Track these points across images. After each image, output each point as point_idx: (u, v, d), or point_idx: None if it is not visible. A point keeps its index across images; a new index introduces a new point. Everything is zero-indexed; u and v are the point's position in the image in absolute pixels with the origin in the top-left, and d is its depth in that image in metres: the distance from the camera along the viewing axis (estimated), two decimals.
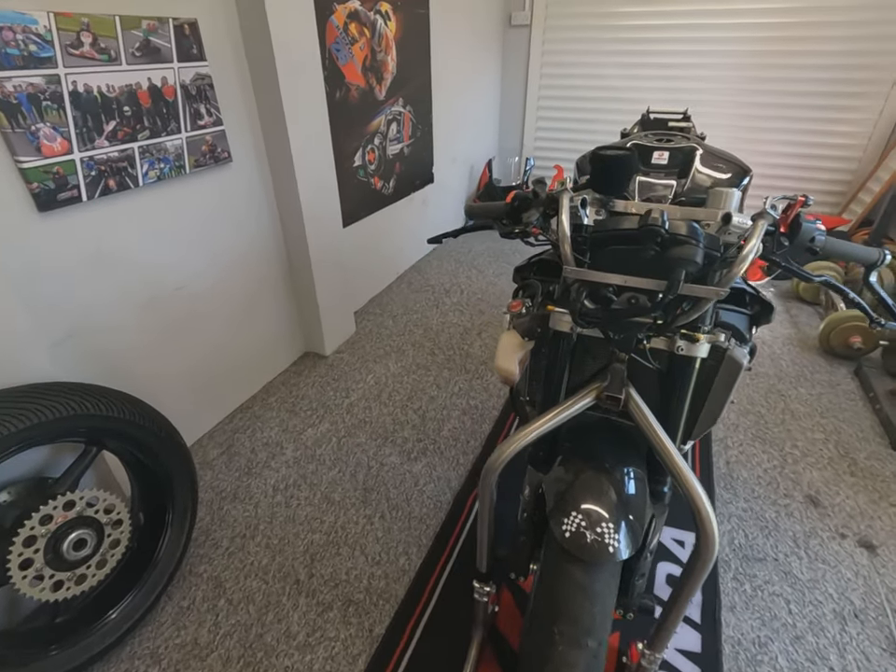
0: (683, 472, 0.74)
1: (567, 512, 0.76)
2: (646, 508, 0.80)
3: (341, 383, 2.12)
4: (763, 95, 3.45)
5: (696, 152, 1.06)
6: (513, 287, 1.74)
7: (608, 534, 0.73)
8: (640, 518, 0.78)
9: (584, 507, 0.77)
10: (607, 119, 3.87)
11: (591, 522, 0.74)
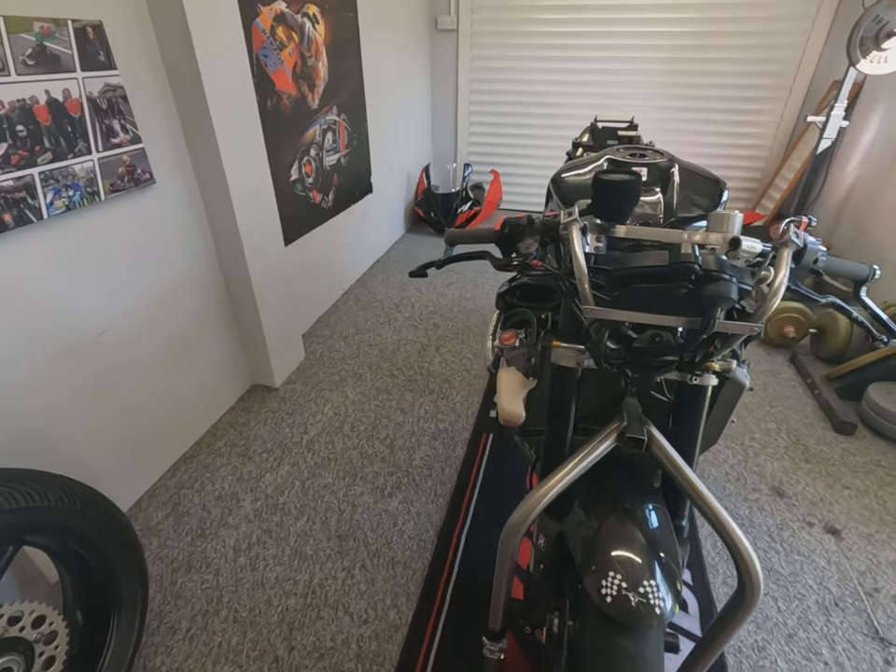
0: (717, 512, 0.70)
1: (604, 572, 0.70)
2: (677, 549, 0.76)
3: (296, 417, 1.95)
4: (680, 100, 3.64)
5: (674, 167, 1.04)
6: (464, 299, 1.67)
7: (652, 593, 0.67)
8: (676, 562, 0.73)
9: (619, 560, 0.71)
10: (537, 125, 3.92)
11: (632, 581, 0.68)
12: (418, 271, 1.00)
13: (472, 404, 2.02)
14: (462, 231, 0.98)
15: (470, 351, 2.36)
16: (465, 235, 0.97)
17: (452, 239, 0.98)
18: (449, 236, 0.98)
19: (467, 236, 0.97)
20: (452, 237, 0.98)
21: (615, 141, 1.77)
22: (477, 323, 2.60)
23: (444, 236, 0.99)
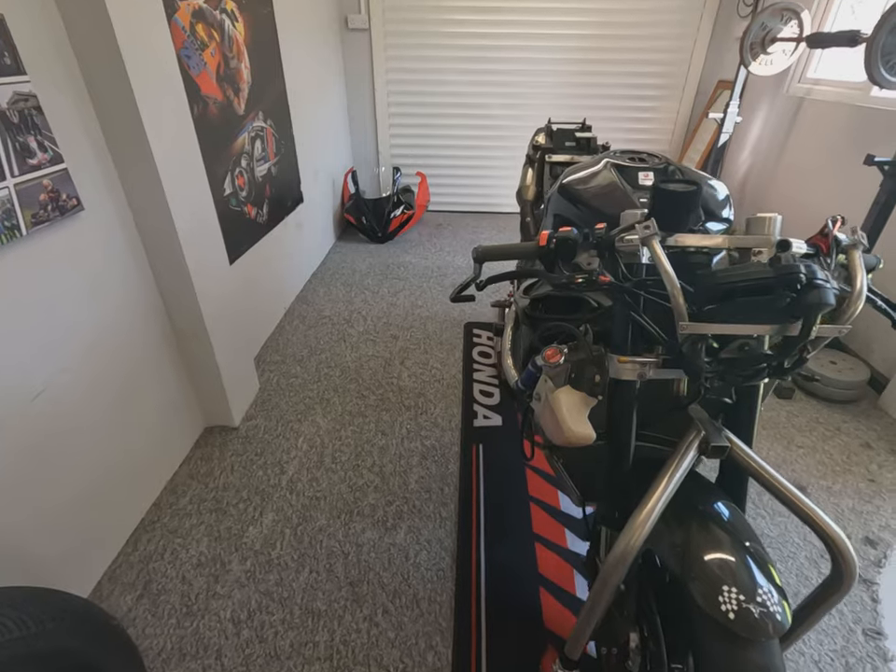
0: (807, 505, 0.73)
1: (715, 586, 0.69)
2: (762, 544, 0.78)
3: (267, 456, 1.76)
4: (588, 98, 3.84)
5: (679, 172, 1.07)
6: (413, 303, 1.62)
7: (769, 601, 0.67)
8: (768, 559, 0.75)
9: (725, 569, 0.70)
10: (459, 125, 3.93)
11: (748, 592, 0.68)
12: (460, 296, 0.93)
13: (453, 416, 1.97)
14: (495, 246, 0.92)
15: (437, 361, 2.30)
16: (498, 252, 0.91)
17: (483, 256, 0.92)
18: (480, 253, 0.92)
19: (499, 252, 0.91)
20: (483, 254, 0.92)
21: (573, 142, 1.81)
22: (436, 331, 2.54)
23: (473, 253, 0.93)
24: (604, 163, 1.13)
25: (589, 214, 1.04)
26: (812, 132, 2.71)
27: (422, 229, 3.93)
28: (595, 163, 1.16)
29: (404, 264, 3.31)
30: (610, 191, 1.02)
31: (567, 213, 1.10)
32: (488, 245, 0.92)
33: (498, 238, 3.78)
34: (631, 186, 1.06)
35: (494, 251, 0.91)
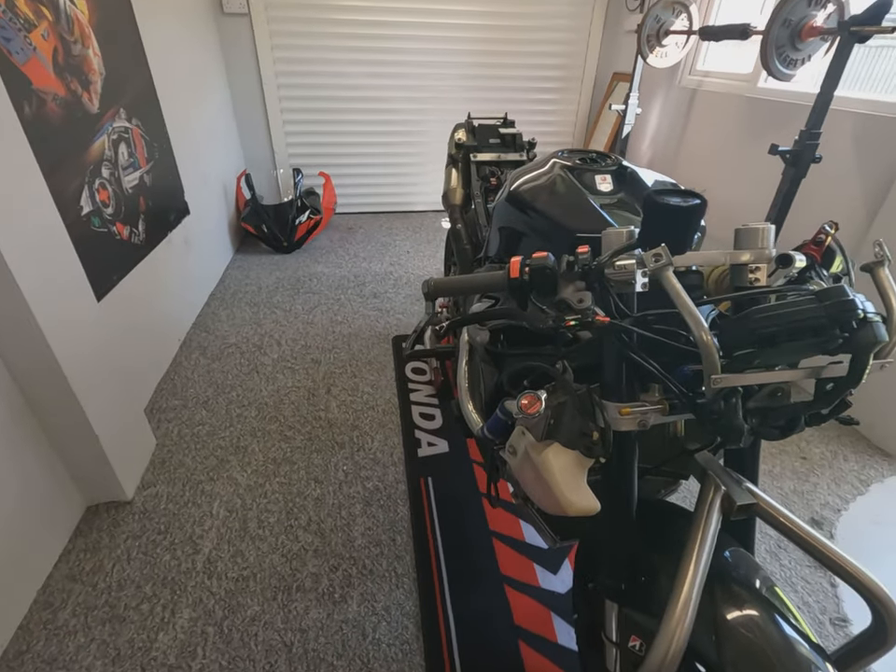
0: (845, 560, 0.64)
1: None
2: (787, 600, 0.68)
3: (175, 533, 1.44)
4: (491, 91, 3.76)
5: (638, 173, 0.96)
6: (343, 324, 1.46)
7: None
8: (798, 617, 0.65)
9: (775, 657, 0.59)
10: (361, 120, 3.67)
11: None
12: (413, 351, 0.73)
13: (395, 447, 1.77)
14: (450, 280, 0.74)
15: (368, 384, 2.08)
16: (455, 286, 0.73)
17: (436, 292, 0.73)
18: (433, 289, 0.73)
19: (457, 287, 0.73)
20: (436, 290, 0.73)
21: (497, 139, 1.67)
22: (361, 349, 2.31)
23: (424, 288, 0.74)
24: (552, 165, 0.98)
25: (547, 225, 0.89)
26: (708, 122, 2.83)
27: (331, 234, 3.63)
28: (541, 166, 1.01)
29: (316, 275, 3.01)
30: (570, 199, 0.88)
31: (519, 225, 0.95)
32: (441, 279, 0.73)
33: (415, 238, 3.60)
34: (588, 191, 0.92)
35: (449, 286, 0.73)
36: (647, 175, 0.97)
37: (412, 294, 2.81)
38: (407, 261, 3.23)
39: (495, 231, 1.04)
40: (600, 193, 0.92)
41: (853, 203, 1.99)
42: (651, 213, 0.61)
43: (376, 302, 2.72)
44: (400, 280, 2.98)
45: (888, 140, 1.87)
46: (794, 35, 1.87)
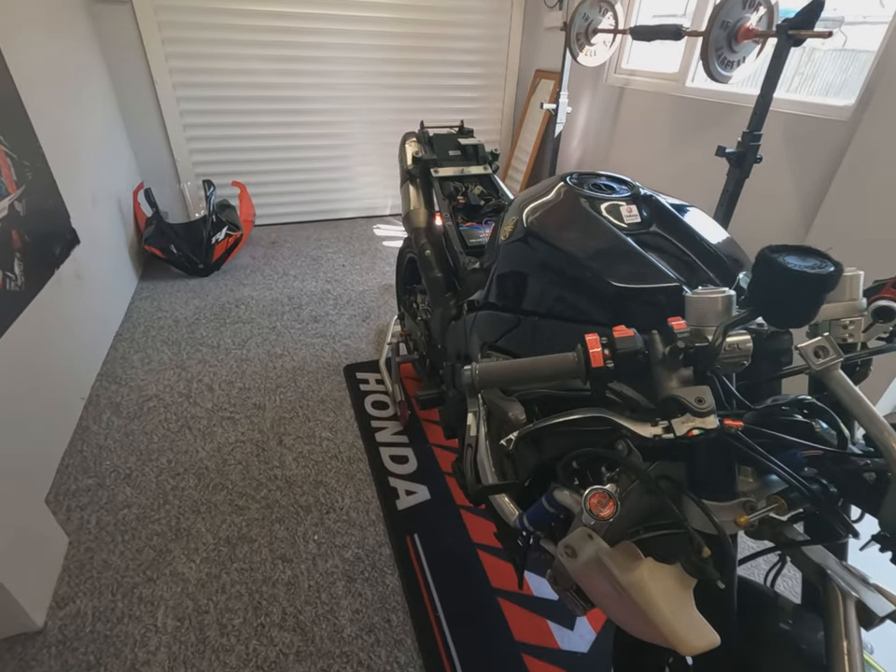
0: None
1: None
2: None
3: (109, 666, 1.14)
4: (414, 90, 3.59)
5: (660, 199, 0.84)
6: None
7: None
8: None
9: None
10: (276, 122, 3.34)
11: None
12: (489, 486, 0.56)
13: (369, 501, 1.56)
14: (500, 367, 0.57)
15: (325, 427, 1.84)
16: (508, 374, 0.56)
17: (484, 383, 0.56)
18: (478, 380, 0.56)
19: (511, 375, 0.56)
20: (483, 380, 0.56)
21: (457, 151, 1.50)
22: (311, 385, 2.06)
23: (467, 379, 0.56)
24: (567, 194, 0.84)
25: (582, 275, 0.73)
26: (638, 121, 2.86)
27: (253, 250, 3.27)
28: (551, 193, 0.87)
29: (244, 300, 2.68)
30: (604, 240, 0.74)
31: (537, 271, 0.79)
32: (490, 366, 0.56)
33: (348, 250, 3.34)
34: (614, 225, 0.79)
35: (502, 374, 0.56)
36: (669, 202, 0.86)
37: (356, 314, 2.58)
38: (344, 276, 2.98)
39: (500, 275, 0.88)
40: (631, 228, 0.79)
41: (791, 202, 2.07)
42: (768, 276, 0.48)
43: (318, 328, 2.45)
44: (340, 299, 2.73)
45: (817, 140, 1.95)
46: (731, 37, 1.88)
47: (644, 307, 0.67)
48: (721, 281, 0.69)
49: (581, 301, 0.72)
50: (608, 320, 0.70)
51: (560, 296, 0.74)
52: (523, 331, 0.80)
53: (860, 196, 1.73)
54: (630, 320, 0.68)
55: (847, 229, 1.78)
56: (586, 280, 0.71)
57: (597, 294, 0.70)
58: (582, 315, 0.72)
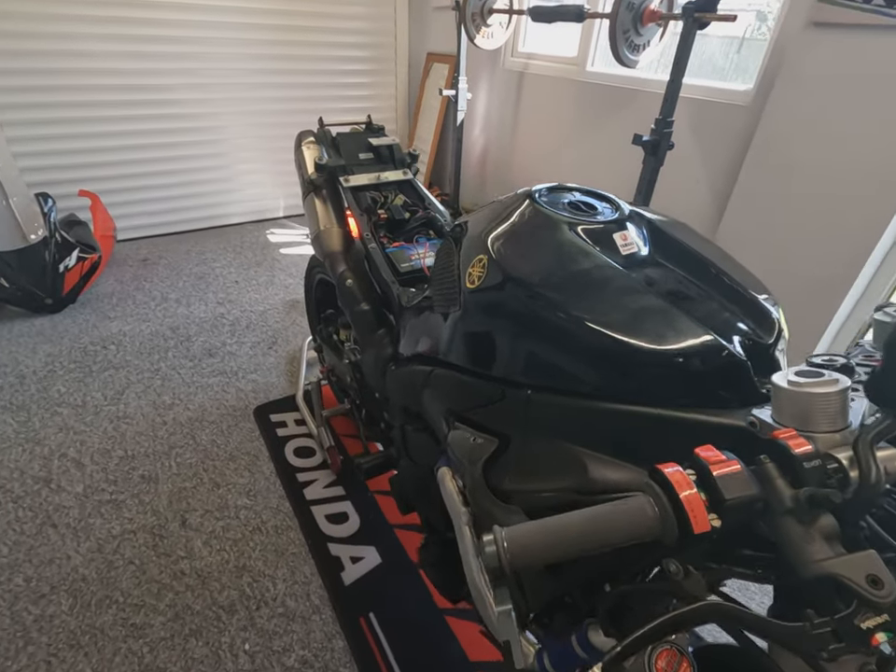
0: None
1: None
2: None
3: None
4: (296, 75, 3.20)
5: (652, 219, 0.68)
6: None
7: None
8: None
9: None
10: (125, 117, 2.78)
11: None
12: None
13: (308, 581, 1.30)
14: (537, 530, 0.37)
15: (239, 493, 1.52)
16: (554, 545, 0.36)
17: (522, 559, 0.36)
18: (509, 556, 0.36)
19: (560, 544, 0.37)
20: (519, 555, 0.36)
21: (369, 153, 1.24)
22: (214, 439, 1.71)
23: (492, 561, 0.36)
24: (544, 221, 0.65)
25: (593, 337, 0.55)
26: (541, 107, 2.77)
27: (119, 273, 2.72)
28: (517, 217, 0.67)
29: (113, 339, 2.19)
30: (616, 288, 0.56)
31: (530, 335, 0.59)
32: (522, 530, 0.36)
33: (239, 262, 2.92)
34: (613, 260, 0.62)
35: (546, 548, 0.36)
36: (660, 220, 0.70)
37: (259, 341, 2.23)
38: (239, 295, 2.58)
39: (469, 333, 0.67)
40: (630, 262, 0.62)
41: (703, 188, 2.09)
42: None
43: (215, 364, 2.07)
44: (238, 324, 2.34)
45: (721, 125, 1.97)
46: (637, 20, 1.81)
47: (674, 374, 0.51)
48: (755, 327, 0.55)
49: (588, 371, 0.54)
50: (629, 393, 0.53)
51: (561, 364, 0.56)
52: (510, 407, 0.61)
53: (769, 180, 1.76)
54: (656, 392, 0.52)
55: (758, 213, 1.82)
56: (597, 343, 0.53)
57: (614, 361, 0.53)
58: (593, 389, 0.54)
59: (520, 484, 0.58)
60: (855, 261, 1.58)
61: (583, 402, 0.55)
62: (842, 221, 1.59)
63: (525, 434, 0.60)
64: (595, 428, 0.55)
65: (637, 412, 0.52)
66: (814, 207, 1.65)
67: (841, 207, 1.58)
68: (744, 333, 0.53)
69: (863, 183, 1.51)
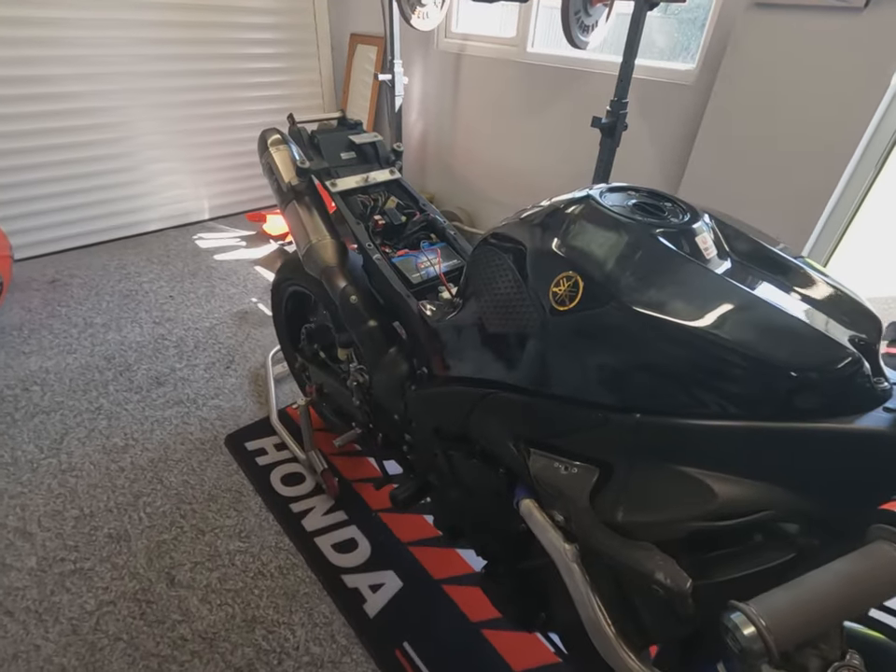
0: None
1: None
2: None
3: None
4: (206, 62, 2.90)
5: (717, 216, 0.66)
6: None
7: None
8: None
9: None
10: (6, 115, 2.36)
11: None
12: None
13: (330, 620, 1.20)
14: (795, 606, 0.33)
15: (230, 536, 1.38)
16: (814, 617, 0.33)
17: (786, 640, 0.32)
18: (779, 638, 0.31)
19: (820, 618, 0.33)
20: (784, 635, 0.32)
21: (350, 152, 1.12)
22: (185, 480, 1.53)
23: (755, 645, 0.32)
24: (628, 229, 0.60)
25: (711, 351, 0.51)
26: (482, 90, 2.71)
27: (25, 298, 2.35)
28: (584, 223, 0.62)
29: (34, 378, 1.89)
30: (726, 298, 0.53)
31: (644, 359, 0.54)
32: (774, 601, 0.32)
33: (169, 273, 2.63)
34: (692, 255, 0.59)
35: (810, 620, 0.32)
36: (727, 218, 0.68)
37: (214, 361, 2.02)
38: (177, 312, 2.32)
39: (553, 355, 0.61)
40: (725, 270, 0.59)
41: (655, 168, 2.15)
42: None
43: (167, 393, 1.85)
44: (185, 344, 2.11)
45: (667, 105, 2.03)
46: (587, 0, 1.80)
47: (806, 385, 0.49)
48: (857, 325, 0.55)
49: (716, 391, 0.51)
50: (757, 409, 0.50)
51: (685, 385, 0.52)
52: (614, 432, 0.57)
53: (721, 156, 1.84)
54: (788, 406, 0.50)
55: (711, 188, 1.90)
56: (731, 360, 0.49)
57: (746, 378, 0.50)
58: (719, 409, 0.51)
59: (640, 516, 0.54)
60: (805, 229, 1.70)
61: (704, 423, 0.52)
62: (791, 193, 1.70)
63: (632, 460, 0.57)
64: (716, 449, 0.52)
65: (764, 427, 0.50)
66: (764, 181, 1.75)
67: (790, 179, 1.69)
68: (853, 334, 0.53)
69: (810, 156, 1.62)
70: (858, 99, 1.49)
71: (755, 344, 0.49)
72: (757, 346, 0.49)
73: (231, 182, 3.22)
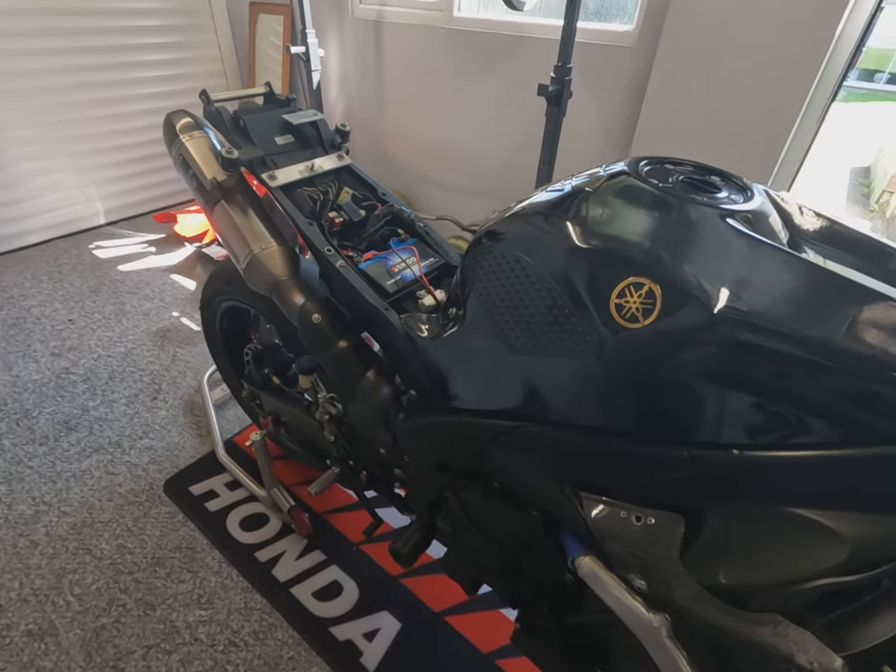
0: None
1: None
2: None
3: None
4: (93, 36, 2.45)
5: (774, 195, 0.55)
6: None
7: None
8: None
9: None
10: None
11: None
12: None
13: None
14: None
15: (186, 605, 1.16)
16: None
17: None
18: None
19: None
20: None
21: (286, 135, 0.90)
22: (121, 542, 1.28)
23: None
24: (698, 215, 0.47)
25: (847, 370, 0.40)
26: (408, 60, 2.50)
27: None
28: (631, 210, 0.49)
29: None
30: (852, 298, 0.42)
31: (752, 380, 0.42)
32: None
33: (63, 292, 2.23)
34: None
35: None
36: (785, 197, 0.57)
37: (137, 392, 1.73)
38: (81, 339, 1.97)
39: (626, 386, 0.47)
40: (806, 255, 0.48)
41: (599, 134, 2.07)
42: None
43: (81, 439, 1.55)
44: (96, 377, 1.79)
45: (608, 68, 1.94)
46: None
47: None
48: None
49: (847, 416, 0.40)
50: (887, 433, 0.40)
51: (811, 412, 0.41)
52: (705, 473, 0.45)
53: (670, 118, 1.79)
54: None
55: (666, 145, 1.85)
56: (880, 379, 0.39)
57: (884, 397, 0.39)
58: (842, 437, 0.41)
59: (754, 577, 0.43)
60: (769, 161, 1.68)
61: (825, 454, 0.41)
62: (743, 150, 1.68)
63: (730, 505, 0.45)
64: (838, 482, 0.42)
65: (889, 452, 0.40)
66: (715, 140, 1.72)
67: (741, 135, 1.66)
68: None
69: (758, 113, 1.60)
70: (814, 22, 1.44)
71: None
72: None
73: (128, 179, 2.79)
